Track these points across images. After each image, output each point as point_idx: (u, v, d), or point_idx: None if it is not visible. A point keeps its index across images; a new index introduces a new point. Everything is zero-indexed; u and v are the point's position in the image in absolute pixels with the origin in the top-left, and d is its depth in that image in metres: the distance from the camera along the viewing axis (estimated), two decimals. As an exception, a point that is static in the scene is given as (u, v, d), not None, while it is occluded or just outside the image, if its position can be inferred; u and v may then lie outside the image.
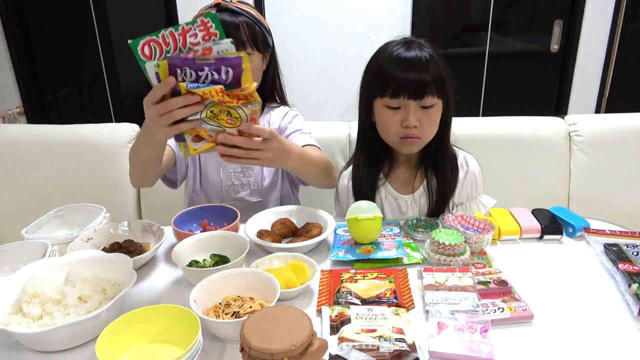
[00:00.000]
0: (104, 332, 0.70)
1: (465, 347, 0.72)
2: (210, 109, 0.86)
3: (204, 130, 0.88)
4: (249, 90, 0.83)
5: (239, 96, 0.84)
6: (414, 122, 1.08)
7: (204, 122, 0.87)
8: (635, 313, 0.81)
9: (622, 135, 1.74)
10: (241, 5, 1.23)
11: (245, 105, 0.86)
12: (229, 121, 0.87)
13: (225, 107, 0.86)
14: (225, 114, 0.87)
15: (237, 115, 0.87)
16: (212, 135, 0.89)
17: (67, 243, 1.02)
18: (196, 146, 0.91)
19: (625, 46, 2.66)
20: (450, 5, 2.73)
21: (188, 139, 0.90)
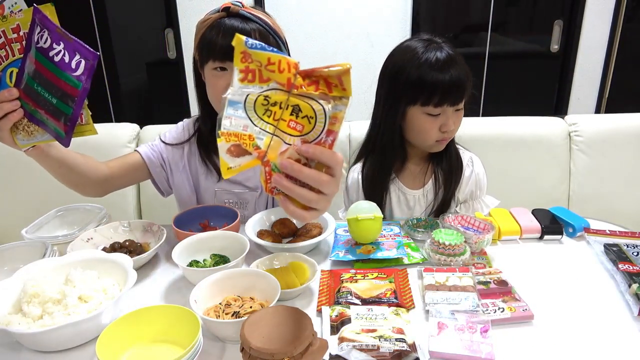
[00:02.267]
0: (104, 332, 0.70)
1: (466, 347, 0.72)
2: (265, 95, 0.58)
3: (248, 135, 0.58)
4: (343, 71, 0.54)
5: (327, 80, 0.56)
6: (452, 127, 1.14)
7: (250, 120, 0.58)
8: (635, 313, 0.81)
9: (622, 135, 1.74)
10: (253, 11, 1.11)
11: (329, 100, 0.57)
12: (292, 124, 0.58)
13: (293, 98, 0.57)
14: (290, 112, 0.58)
15: (311, 114, 0.57)
16: (259, 146, 0.58)
17: (67, 243, 1.02)
18: (232, 163, 0.59)
19: (625, 46, 2.66)
20: (450, 5, 2.73)
21: (222, 149, 0.59)
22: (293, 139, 0.58)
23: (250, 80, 0.57)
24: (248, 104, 0.58)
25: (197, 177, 1.28)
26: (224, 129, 0.58)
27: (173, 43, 2.74)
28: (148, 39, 2.80)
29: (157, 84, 2.95)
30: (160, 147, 1.27)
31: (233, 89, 0.58)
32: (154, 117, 3.02)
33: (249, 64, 0.57)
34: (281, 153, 0.58)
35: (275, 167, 0.59)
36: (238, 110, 0.58)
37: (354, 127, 1.72)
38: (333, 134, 0.58)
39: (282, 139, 0.58)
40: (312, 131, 0.57)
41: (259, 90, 0.57)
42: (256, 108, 0.58)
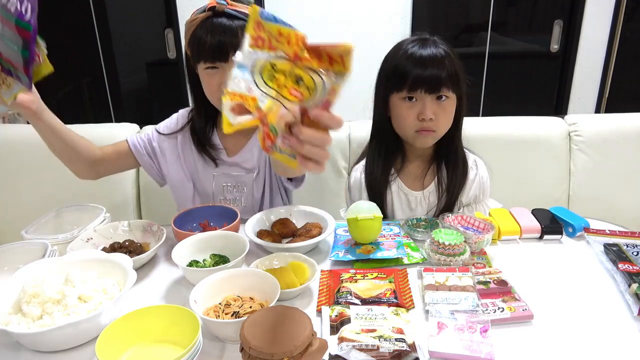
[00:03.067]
0: (104, 332, 0.70)
1: (465, 347, 0.72)
2: (272, 63, 0.62)
3: (251, 97, 0.62)
4: (345, 50, 0.58)
5: (330, 56, 0.60)
6: (430, 115, 1.11)
7: (255, 83, 0.63)
8: (635, 313, 0.81)
9: (622, 135, 1.74)
10: (239, 7, 1.13)
11: (330, 73, 0.61)
12: (293, 92, 0.62)
13: (297, 69, 0.62)
14: (293, 80, 0.62)
15: (311, 85, 0.61)
16: (260, 108, 0.62)
17: (67, 243, 1.02)
18: (234, 120, 0.64)
19: (625, 46, 2.66)
20: (450, 5, 2.74)
21: (226, 107, 0.62)
22: (292, 105, 0.62)
23: (259, 46, 0.62)
24: (255, 69, 0.62)
25: (193, 165, 1.31)
26: (230, 88, 0.62)
27: (173, 43, 2.74)
28: (148, 39, 2.80)
29: (157, 84, 2.95)
30: (152, 136, 1.31)
31: (242, 53, 0.62)
32: (154, 117, 3.01)
33: (260, 32, 0.62)
34: (280, 117, 0.62)
35: (274, 128, 0.63)
36: (245, 73, 0.62)
37: (354, 127, 1.72)
38: (329, 103, 0.62)
39: (282, 103, 0.62)
40: (310, 99, 0.61)
41: (266, 56, 0.62)
42: (262, 73, 0.62)
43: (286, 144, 0.62)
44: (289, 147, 0.63)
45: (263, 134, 0.63)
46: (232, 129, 0.62)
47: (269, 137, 0.63)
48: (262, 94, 0.62)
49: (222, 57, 1.11)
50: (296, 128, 0.61)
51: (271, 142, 0.63)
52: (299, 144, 0.61)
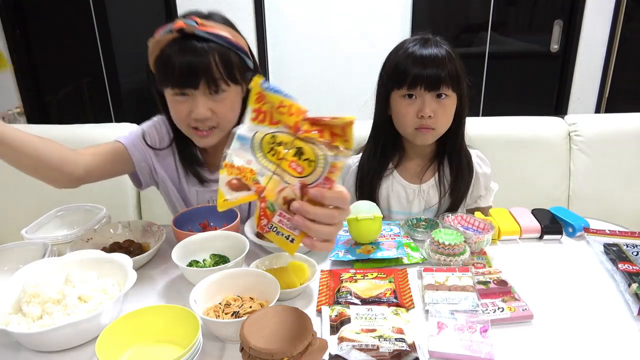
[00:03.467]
0: (104, 332, 0.70)
1: (465, 347, 0.72)
2: (273, 135, 0.61)
3: (249, 170, 0.61)
4: (346, 123, 0.57)
5: (332, 129, 0.59)
6: (429, 113, 1.13)
7: (254, 156, 0.62)
8: (635, 313, 0.81)
9: (622, 135, 1.74)
10: (210, 28, 1.01)
11: (332, 149, 0.59)
12: (293, 165, 0.60)
13: (300, 141, 0.60)
14: (294, 153, 0.60)
15: (312, 158, 0.60)
16: (257, 182, 0.61)
17: (67, 243, 1.02)
18: (229, 195, 0.62)
19: (625, 46, 2.66)
20: (450, 5, 2.73)
21: (222, 181, 0.61)
22: (293, 179, 0.61)
23: (261, 120, 0.62)
24: (255, 141, 0.62)
25: (177, 177, 1.25)
26: (229, 160, 0.62)
27: (173, 43, 2.74)
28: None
29: (157, 84, 2.94)
30: (141, 141, 1.20)
31: (244, 125, 0.63)
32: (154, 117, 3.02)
33: (262, 105, 0.62)
34: (279, 191, 0.61)
35: (272, 205, 0.62)
36: (245, 144, 0.62)
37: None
38: (330, 182, 0.60)
39: (281, 177, 0.61)
40: (311, 174, 0.60)
41: (266, 129, 0.62)
42: (262, 145, 0.62)
43: (284, 224, 0.62)
44: (287, 228, 0.62)
45: (259, 210, 0.62)
46: (227, 205, 0.62)
47: (265, 214, 0.62)
48: (262, 167, 0.61)
49: (191, 82, 1.02)
50: (298, 205, 0.60)
51: (267, 221, 0.63)
52: (304, 222, 0.60)
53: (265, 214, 0.63)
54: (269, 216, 0.62)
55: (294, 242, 0.63)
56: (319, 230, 0.61)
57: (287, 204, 0.61)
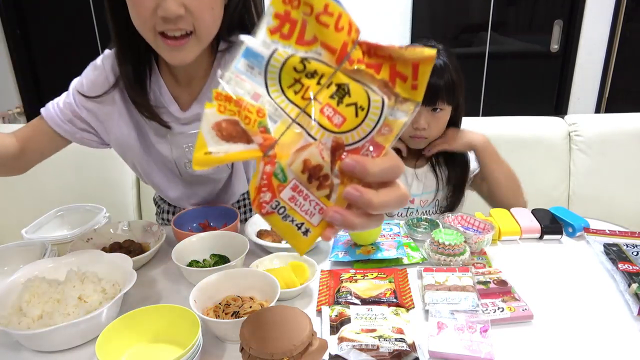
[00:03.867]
0: (104, 332, 0.70)
1: (465, 347, 0.72)
2: (303, 59, 0.40)
3: (256, 109, 0.40)
4: (424, 58, 0.38)
5: (395, 65, 0.39)
6: (424, 125, 1.19)
7: (266, 88, 0.41)
8: (635, 313, 0.81)
9: (622, 135, 1.74)
10: None
11: (392, 97, 0.40)
12: (328, 112, 0.40)
13: (344, 76, 0.40)
14: (333, 92, 0.40)
15: (364, 104, 0.40)
16: (266, 130, 0.40)
17: (67, 243, 1.02)
18: (215, 146, 0.39)
19: (625, 46, 2.66)
20: (450, 5, 2.73)
21: (207, 121, 0.39)
22: (323, 132, 0.39)
23: (286, 35, 0.39)
24: (273, 64, 0.40)
25: (140, 128, 1.00)
26: (223, 88, 0.40)
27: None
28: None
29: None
30: (75, 101, 0.98)
31: (257, 36, 0.40)
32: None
33: (292, 7, 0.39)
34: (298, 150, 0.39)
35: (282, 171, 0.39)
36: (255, 67, 0.40)
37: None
38: (379, 149, 0.40)
39: (306, 128, 0.39)
40: (355, 129, 0.39)
41: (294, 51, 0.40)
42: (283, 73, 0.40)
43: (299, 204, 0.41)
44: (301, 211, 0.41)
45: (261, 177, 0.40)
46: (206, 162, 0.38)
47: (269, 184, 0.40)
48: (277, 108, 0.40)
49: None
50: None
51: (272, 195, 0.40)
52: (359, 220, 0.40)
53: (270, 184, 0.40)
54: (276, 188, 0.40)
55: (308, 234, 0.42)
56: (367, 226, 0.41)
57: (307, 172, 0.39)
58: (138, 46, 0.90)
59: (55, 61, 2.73)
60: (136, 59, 0.92)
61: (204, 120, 0.39)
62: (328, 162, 0.40)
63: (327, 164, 0.40)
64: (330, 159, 0.40)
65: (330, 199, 0.41)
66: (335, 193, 0.41)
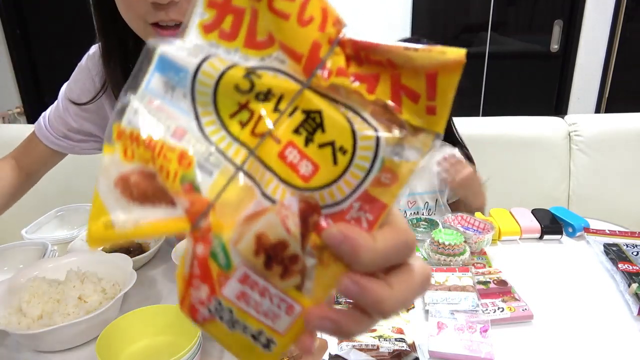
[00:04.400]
0: (104, 332, 0.70)
1: (465, 347, 0.72)
2: (251, 71, 0.25)
3: (179, 152, 0.25)
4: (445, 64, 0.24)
5: (399, 81, 0.24)
6: None
7: (197, 120, 0.26)
8: (635, 313, 0.81)
9: (622, 135, 1.74)
10: None
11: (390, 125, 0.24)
12: (291, 154, 0.25)
13: (315, 96, 0.25)
14: (298, 124, 0.25)
15: (345, 142, 0.24)
16: (196, 187, 0.25)
17: (67, 243, 1.02)
18: (123, 213, 0.26)
19: (625, 46, 2.66)
20: (450, 5, 2.73)
21: (107, 176, 0.27)
22: (285, 190, 0.25)
23: (226, 35, 0.26)
24: (202, 79, 0.26)
25: None
26: (127, 123, 0.27)
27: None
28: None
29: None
30: (72, 111, 0.91)
31: (180, 38, 0.27)
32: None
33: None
34: (246, 219, 0.25)
35: (224, 252, 0.25)
36: (177, 86, 0.26)
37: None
38: (377, 209, 0.25)
39: (258, 183, 0.25)
40: (334, 183, 0.25)
41: (236, 57, 0.26)
42: (220, 95, 0.26)
43: (253, 303, 0.26)
44: (257, 313, 0.26)
45: (190, 265, 0.27)
46: (107, 239, 0.26)
47: (205, 276, 0.26)
48: (212, 150, 0.26)
49: None
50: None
51: (210, 293, 0.27)
52: (330, 321, 0.26)
53: (206, 273, 0.26)
54: (216, 279, 0.26)
55: (271, 347, 0.27)
56: (369, 328, 0.27)
57: (264, 254, 0.25)
58: (126, 42, 0.80)
59: (55, 61, 2.73)
60: (124, 56, 0.81)
61: (100, 173, 0.27)
62: (296, 236, 0.25)
63: (294, 238, 0.25)
64: (301, 230, 0.25)
65: (303, 289, 0.26)
66: (310, 281, 0.25)
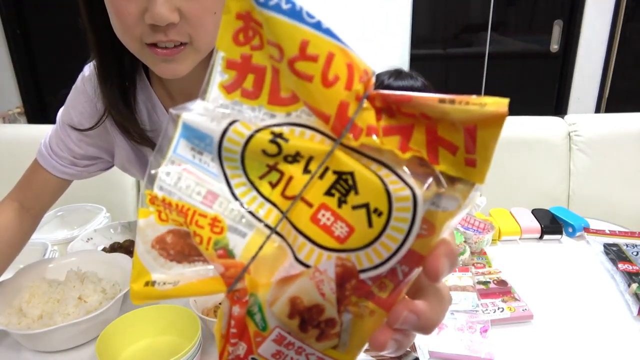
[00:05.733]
0: (104, 332, 0.70)
1: (465, 347, 0.72)
2: (277, 133, 0.25)
3: (212, 218, 0.26)
4: (487, 117, 0.23)
5: (438, 132, 0.23)
6: None
7: (228, 184, 0.26)
8: (634, 313, 0.81)
9: (622, 135, 1.74)
10: None
11: (425, 179, 0.23)
12: (325, 217, 0.24)
13: (346, 156, 0.24)
14: (329, 186, 0.24)
15: (380, 204, 0.23)
16: (231, 253, 0.25)
17: (67, 243, 1.02)
18: (160, 273, 0.26)
19: (625, 46, 2.66)
20: (450, 5, 2.73)
21: (144, 238, 0.27)
22: (321, 254, 0.24)
23: (249, 94, 0.26)
24: (228, 147, 0.25)
25: (137, 149, 0.85)
26: (158, 189, 0.27)
27: (173, 43, 2.74)
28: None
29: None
30: (74, 138, 0.84)
31: (205, 102, 0.27)
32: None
33: (251, 48, 0.26)
34: (280, 282, 0.25)
35: (261, 312, 0.25)
36: (204, 151, 0.26)
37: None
38: (415, 259, 0.24)
39: (290, 244, 0.25)
40: (370, 245, 0.24)
41: (263, 118, 0.26)
42: (247, 159, 0.25)
43: None
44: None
45: (227, 323, 0.26)
46: (150, 297, 0.27)
47: (242, 334, 0.26)
48: (243, 212, 0.26)
49: None
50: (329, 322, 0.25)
51: (247, 350, 0.27)
52: None
53: (243, 332, 0.26)
54: (253, 338, 0.26)
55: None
56: None
57: (299, 317, 0.25)
58: (122, 60, 0.77)
59: (56, 61, 2.73)
60: (120, 76, 0.77)
61: (138, 237, 0.27)
62: (332, 300, 0.24)
63: (330, 303, 0.24)
64: (337, 296, 0.24)
65: (340, 344, 0.26)
66: (347, 334, 0.25)
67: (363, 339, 0.26)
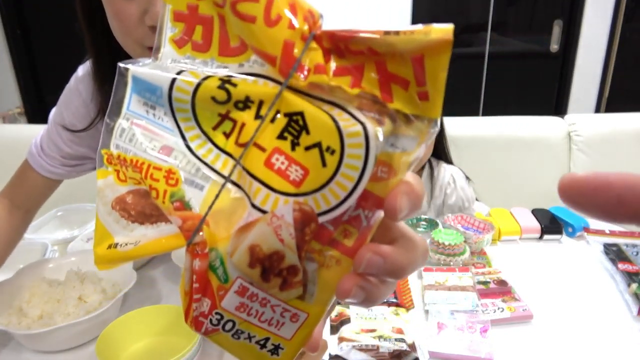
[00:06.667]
0: (104, 332, 0.70)
1: (465, 347, 0.72)
2: (225, 79, 0.24)
3: (166, 171, 0.26)
4: (430, 45, 0.21)
5: (388, 67, 0.22)
6: None
7: (182, 136, 0.26)
8: (634, 313, 0.81)
9: (622, 135, 1.74)
10: None
11: (382, 117, 0.23)
12: (279, 160, 0.24)
13: (296, 96, 0.24)
14: (282, 129, 0.24)
15: (332, 142, 0.23)
16: (188, 204, 0.25)
17: (67, 243, 1.02)
18: (122, 235, 0.28)
19: (625, 46, 2.66)
20: (450, 5, 2.74)
21: (103, 199, 0.28)
22: (277, 198, 0.24)
23: (199, 46, 0.26)
24: (178, 96, 0.25)
25: None
26: (114, 147, 0.27)
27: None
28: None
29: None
30: (65, 138, 0.84)
31: (153, 57, 0.27)
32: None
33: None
34: (240, 229, 0.24)
35: (222, 264, 0.25)
36: (156, 105, 0.26)
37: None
38: (376, 202, 0.24)
39: (246, 192, 0.25)
40: (325, 186, 0.23)
41: (209, 67, 0.26)
42: (199, 109, 0.25)
43: (254, 312, 0.26)
44: (260, 321, 0.26)
45: (189, 279, 0.26)
46: (114, 261, 0.27)
47: (205, 289, 0.26)
48: (198, 164, 0.26)
49: None
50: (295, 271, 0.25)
51: (211, 306, 0.26)
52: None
53: (206, 286, 0.26)
54: (216, 292, 0.26)
55: (279, 353, 0.28)
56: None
57: (259, 266, 0.25)
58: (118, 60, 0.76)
59: (55, 61, 2.73)
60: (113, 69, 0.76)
61: (98, 199, 0.27)
62: (292, 246, 0.24)
63: (289, 248, 0.24)
64: (296, 241, 0.24)
65: (306, 295, 0.26)
66: (314, 284, 0.25)
67: (330, 290, 0.25)
